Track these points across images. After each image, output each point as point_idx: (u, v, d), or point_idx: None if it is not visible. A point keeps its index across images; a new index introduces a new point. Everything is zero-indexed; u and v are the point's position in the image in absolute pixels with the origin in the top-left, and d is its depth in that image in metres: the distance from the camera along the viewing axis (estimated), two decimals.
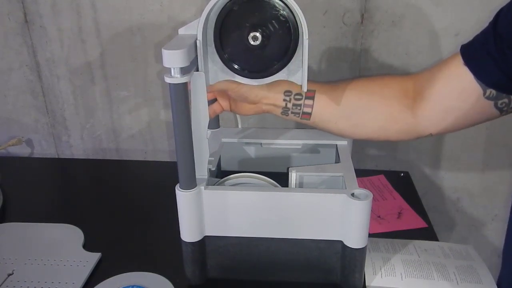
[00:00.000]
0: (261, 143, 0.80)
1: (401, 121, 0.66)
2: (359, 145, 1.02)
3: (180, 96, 0.57)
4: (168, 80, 0.56)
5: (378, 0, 0.89)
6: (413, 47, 0.93)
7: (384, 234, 0.79)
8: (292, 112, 0.68)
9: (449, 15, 0.89)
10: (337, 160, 0.75)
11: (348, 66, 0.95)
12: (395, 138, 0.69)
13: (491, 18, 0.59)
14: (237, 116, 0.94)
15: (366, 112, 0.67)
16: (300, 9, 0.58)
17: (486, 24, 0.62)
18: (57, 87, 1.04)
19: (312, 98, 0.67)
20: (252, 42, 0.60)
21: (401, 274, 0.68)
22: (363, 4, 0.90)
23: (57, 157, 1.12)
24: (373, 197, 0.61)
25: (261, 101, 0.68)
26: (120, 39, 0.97)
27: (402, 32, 0.92)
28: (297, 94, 0.67)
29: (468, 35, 0.90)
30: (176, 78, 0.55)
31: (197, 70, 0.61)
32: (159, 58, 0.98)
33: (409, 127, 0.66)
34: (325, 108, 0.68)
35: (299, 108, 0.68)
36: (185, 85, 0.57)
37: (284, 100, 0.67)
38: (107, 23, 0.96)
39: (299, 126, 1.01)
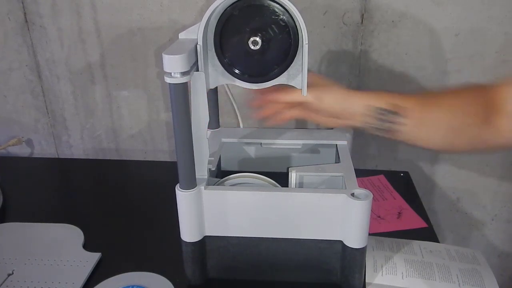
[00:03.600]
0: (261, 143, 0.80)
1: (482, 136, 0.63)
2: (359, 145, 1.02)
3: (180, 96, 0.57)
4: (168, 80, 0.56)
5: (378, 0, 0.89)
6: (413, 47, 0.93)
7: (384, 234, 0.79)
8: (380, 129, 0.66)
9: (449, 15, 0.89)
10: (337, 160, 0.75)
11: (348, 66, 0.95)
12: (478, 151, 0.66)
13: (491, 18, 0.59)
14: (238, 116, 0.94)
15: (457, 132, 0.64)
16: (300, 13, 0.58)
17: (486, 24, 0.61)
18: (57, 87, 1.04)
19: (403, 116, 0.64)
20: (252, 47, 0.60)
21: (402, 273, 0.68)
22: (363, 4, 0.90)
23: (57, 157, 1.12)
24: (373, 197, 0.61)
25: (349, 117, 0.66)
26: (120, 39, 0.97)
27: (402, 32, 0.92)
28: (386, 110, 0.64)
29: (468, 35, 0.90)
30: (176, 78, 0.56)
31: (197, 70, 0.61)
32: (159, 59, 0.98)
33: (488, 141, 0.63)
34: (416, 127, 0.65)
35: (389, 125, 0.65)
36: (185, 85, 0.57)
37: (371, 115, 0.65)
38: (107, 23, 0.96)
39: (299, 126, 1.02)
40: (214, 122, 0.82)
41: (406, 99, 0.65)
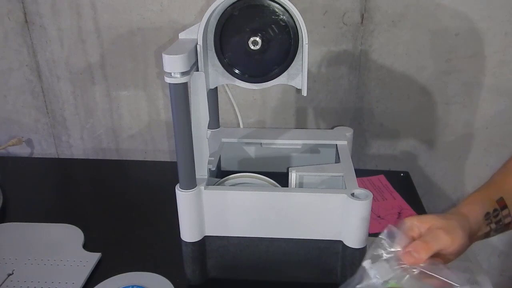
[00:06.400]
0: (261, 143, 0.80)
1: None
2: (359, 145, 1.02)
3: (180, 96, 0.57)
4: (168, 80, 0.56)
5: (378, 0, 0.89)
6: (413, 47, 0.93)
7: None
8: (495, 231, 0.61)
9: (449, 15, 0.89)
10: (337, 160, 0.75)
11: (348, 66, 0.95)
12: None
13: (491, 18, 0.59)
14: (238, 116, 0.95)
15: None
16: (300, 13, 0.58)
17: (486, 24, 0.61)
18: (57, 87, 1.04)
19: (506, 206, 0.61)
20: (252, 47, 0.60)
21: None
22: (363, 4, 0.90)
23: (57, 157, 1.12)
24: (373, 197, 0.61)
25: (474, 237, 0.60)
26: (120, 39, 0.97)
27: (402, 32, 0.92)
28: (494, 211, 0.60)
29: (468, 35, 0.90)
30: (176, 78, 0.56)
31: (197, 70, 0.61)
32: (159, 59, 0.98)
33: None
34: None
35: (500, 223, 0.60)
36: (185, 85, 0.57)
37: (488, 224, 0.60)
38: (107, 23, 0.96)
39: (299, 126, 1.02)
40: (214, 122, 0.82)
41: (501, 188, 0.62)
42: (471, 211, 0.59)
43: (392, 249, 0.56)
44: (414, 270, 0.53)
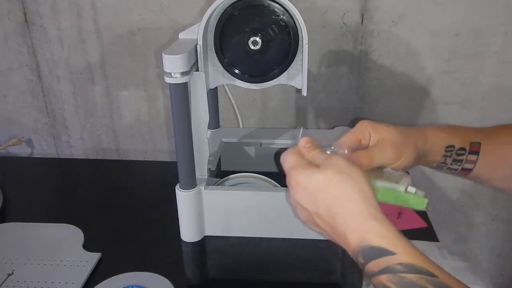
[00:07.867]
0: (261, 143, 0.80)
1: None
2: None
3: (180, 96, 0.57)
4: (168, 80, 0.56)
5: (378, 0, 0.89)
6: (413, 47, 0.93)
7: None
8: (448, 168, 0.58)
9: (449, 15, 0.89)
10: None
11: (348, 66, 0.95)
12: None
13: (491, 18, 0.58)
14: (238, 116, 0.95)
15: None
16: (300, 13, 0.58)
17: (486, 24, 0.61)
18: (57, 87, 1.04)
19: (477, 153, 0.56)
20: (252, 47, 0.60)
21: None
22: (363, 4, 0.90)
23: (57, 157, 1.12)
24: None
25: (426, 163, 0.58)
26: (120, 39, 0.97)
27: (402, 32, 0.92)
28: (460, 149, 0.56)
29: (468, 35, 0.90)
30: (176, 78, 0.56)
31: (197, 70, 0.61)
32: (159, 59, 0.98)
33: None
34: (490, 166, 0.57)
35: (459, 164, 0.57)
36: (185, 85, 0.57)
37: (444, 156, 0.56)
38: (107, 23, 0.96)
39: (299, 125, 1.02)
40: (214, 122, 0.82)
41: (479, 132, 0.58)
42: (435, 136, 0.56)
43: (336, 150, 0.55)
44: None
